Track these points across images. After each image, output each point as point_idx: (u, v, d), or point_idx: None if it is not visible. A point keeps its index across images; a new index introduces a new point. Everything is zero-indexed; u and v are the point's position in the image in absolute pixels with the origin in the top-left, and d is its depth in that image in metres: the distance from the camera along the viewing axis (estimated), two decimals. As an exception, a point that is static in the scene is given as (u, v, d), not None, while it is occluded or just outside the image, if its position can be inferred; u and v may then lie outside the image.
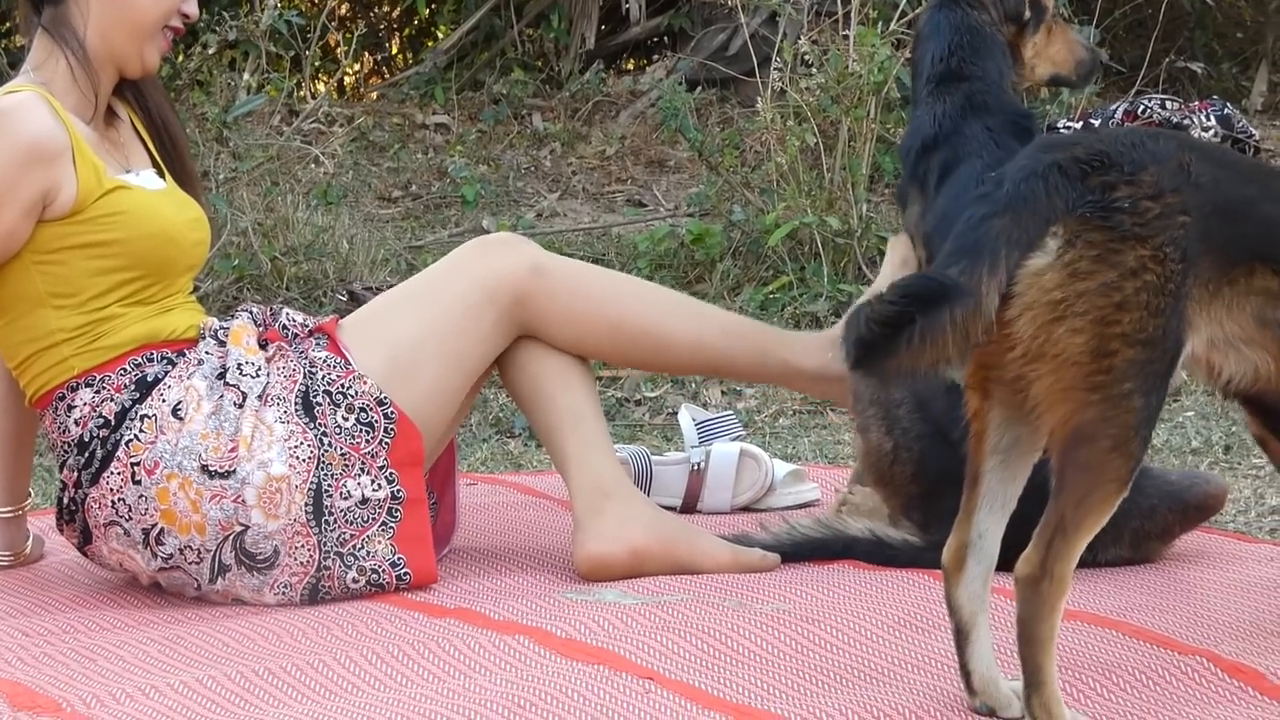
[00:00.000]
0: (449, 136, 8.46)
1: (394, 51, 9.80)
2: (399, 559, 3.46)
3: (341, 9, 9.37)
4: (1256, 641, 3.08)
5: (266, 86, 7.04)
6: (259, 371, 3.47)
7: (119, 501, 3.42)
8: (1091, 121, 7.17)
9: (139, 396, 3.45)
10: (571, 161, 8.23)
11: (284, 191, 6.68)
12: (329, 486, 3.43)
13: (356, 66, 9.40)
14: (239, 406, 3.43)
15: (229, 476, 3.40)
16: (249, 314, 3.63)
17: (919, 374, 2.51)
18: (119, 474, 3.42)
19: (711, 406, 5.37)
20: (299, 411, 3.44)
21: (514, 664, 3.00)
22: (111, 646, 3.19)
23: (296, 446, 3.42)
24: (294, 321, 3.61)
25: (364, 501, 3.45)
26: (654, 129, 8.36)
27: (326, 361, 3.50)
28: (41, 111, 3.44)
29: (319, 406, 3.45)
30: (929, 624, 3.13)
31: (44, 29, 3.54)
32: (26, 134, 3.42)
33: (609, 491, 3.58)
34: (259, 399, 3.44)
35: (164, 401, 3.43)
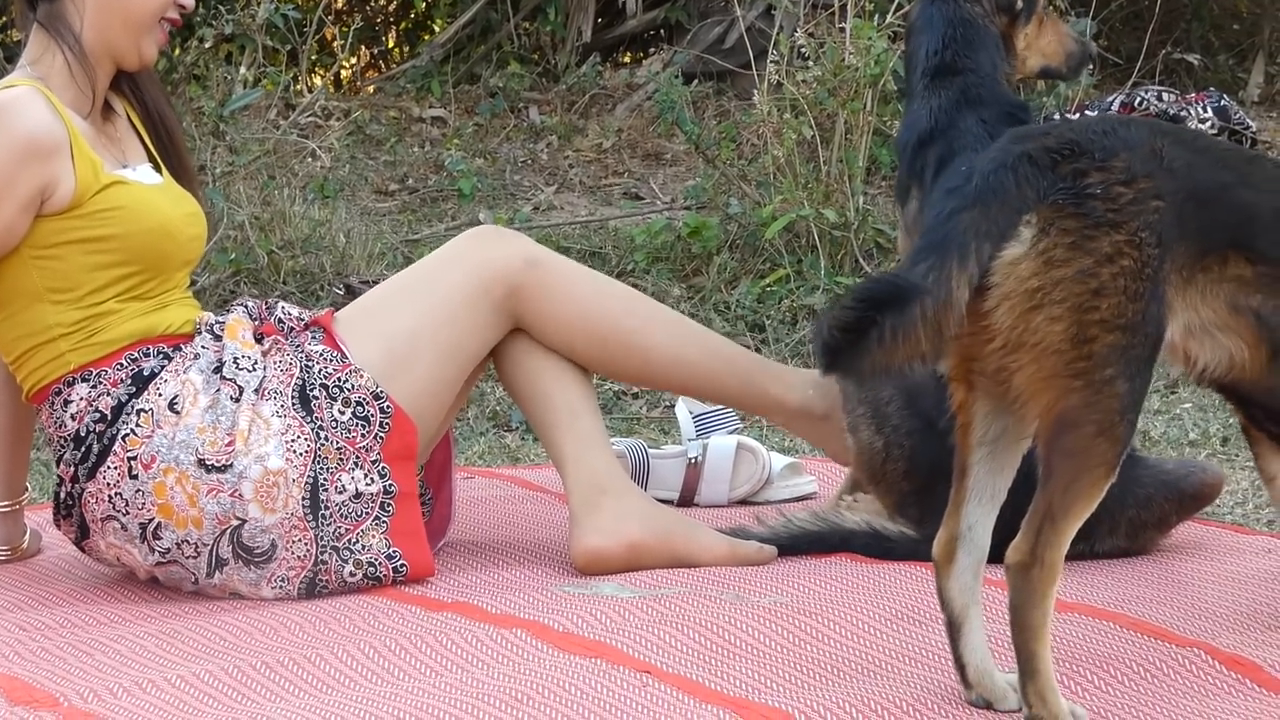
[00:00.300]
0: (445, 130, 8.45)
1: (390, 45, 9.79)
2: (394, 552, 3.46)
3: (338, 3, 9.36)
4: (1254, 634, 3.08)
5: (263, 80, 7.02)
6: (255, 365, 3.47)
7: (116, 496, 3.42)
8: (1088, 113, 7.18)
9: (135, 391, 3.45)
10: (568, 155, 8.22)
11: (280, 185, 6.67)
12: (325, 480, 3.43)
13: (353, 60, 9.39)
14: (236, 401, 3.43)
15: (226, 470, 3.40)
16: (245, 308, 3.63)
17: (895, 371, 2.51)
18: (116, 468, 3.42)
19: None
20: (296, 405, 3.44)
21: (511, 658, 3.00)
22: (109, 641, 3.19)
23: (293, 440, 3.42)
24: (290, 315, 3.61)
25: (358, 495, 3.45)
26: (651, 122, 8.36)
27: (323, 355, 3.50)
28: (39, 106, 3.43)
29: (316, 400, 3.45)
30: (926, 617, 3.13)
31: (39, 24, 3.53)
32: (25, 129, 3.41)
33: (605, 486, 3.58)
34: (256, 393, 3.44)
35: (160, 396, 3.43)
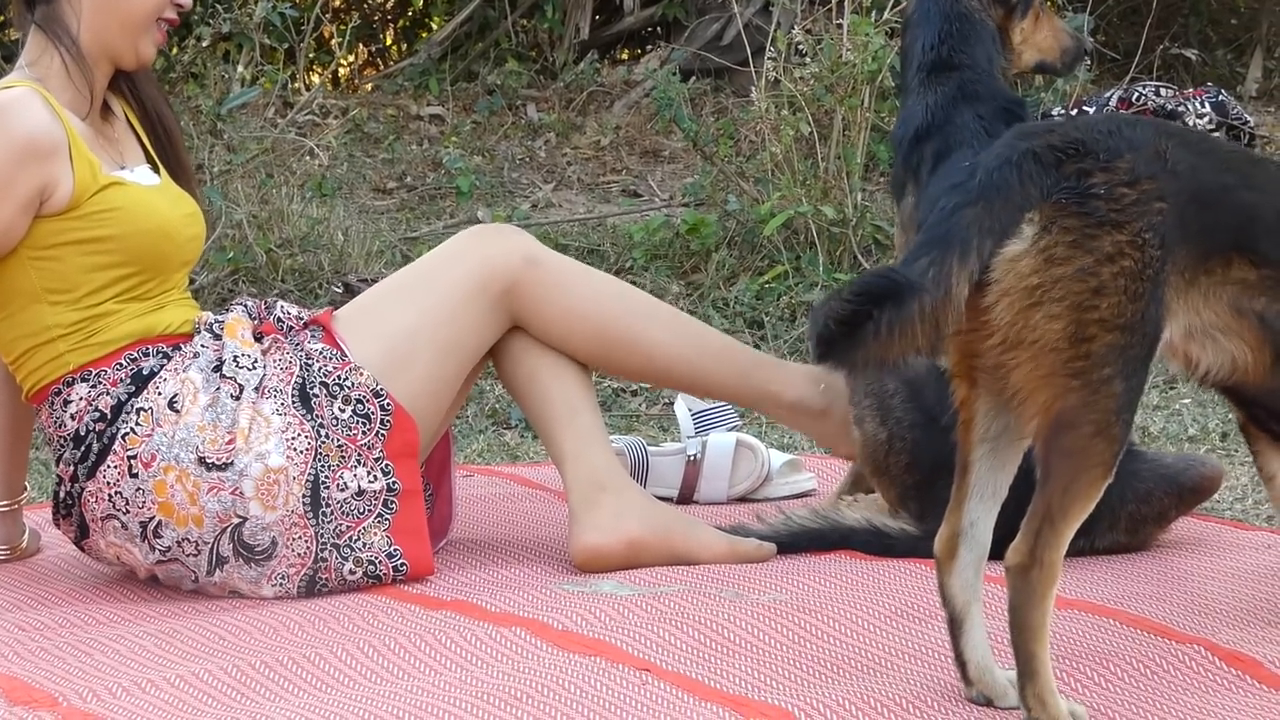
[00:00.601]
0: (443, 128, 8.45)
1: (388, 43, 9.79)
2: (395, 550, 3.46)
3: (335, 1, 9.36)
4: (1254, 629, 3.07)
5: (261, 79, 7.02)
6: (255, 364, 3.47)
7: (116, 495, 3.42)
8: (1086, 109, 7.18)
9: (135, 390, 3.45)
10: (566, 152, 8.22)
11: (279, 184, 6.66)
12: (326, 478, 3.43)
13: (351, 58, 9.39)
14: (236, 399, 3.43)
15: (226, 468, 3.40)
16: (244, 307, 3.63)
17: (889, 364, 2.52)
18: (116, 467, 3.41)
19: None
20: (296, 403, 3.44)
21: (511, 656, 3.00)
22: (108, 640, 3.19)
23: (294, 438, 3.42)
24: (289, 314, 3.61)
25: (360, 493, 3.45)
26: (649, 119, 8.35)
27: (323, 353, 3.50)
28: (38, 107, 3.43)
29: (316, 398, 3.45)
30: (926, 614, 3.13)
31: (37, 25, 3.53)
32: (23, 130, 3.41)
33: (604, 483, 3.58)
34: (256, 391, 3.44)
35: (160, 394, 3.43)
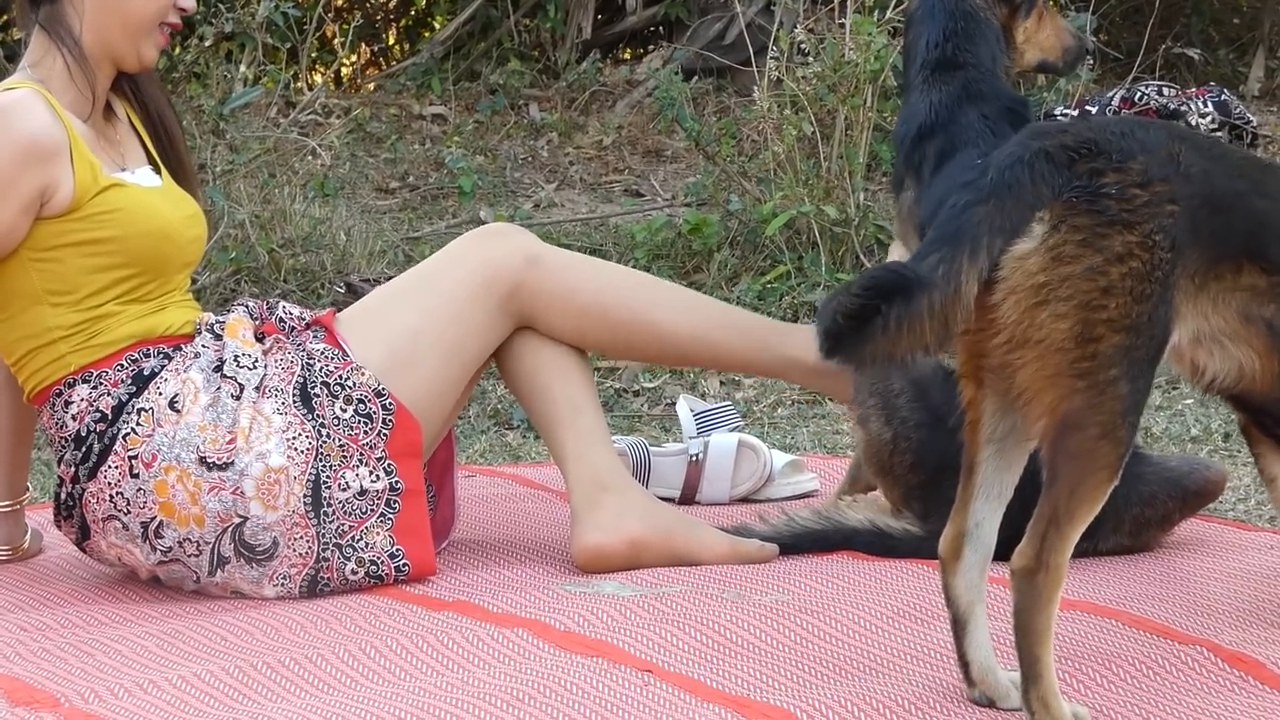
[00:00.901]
0: (446, 127, 8.44)
1: (390, 42, 9.79)
2: (397, 550, 3.46)
3: (338, 0, 9.36)
4: (1257, 631, 3.07)
5: (263, 78, 7.01)
6: (256, 364, 3.46)
7: (117, 495, 3.42)
8: (1088, 108, 7.18)
9: (136, 390, 3.44)
10: (569, 152, 8.22)
11: (281, 184, 6.66)
12: (327, 478, 3.43)
13: (353, 58, 9.39)
14: (236, 398, 3.43)
15: (227, 468, 3.39)
16: (245, 308, 3.63)
17: (896, 360, 2.52)
18: (117, 468, 3.41)
19: (710, 397, 5.36)
20: (297, 403, 3.44)
21: (512, 657, 3.00)
22: (110, 641, 3.19)
23: (295, 438, 3.41)
24: (291, 315, 3.61)
25: (362, 493, 3.45)
26: (651, 119, 8.35)
27: (324, 353, 3.50)
28: (39, 109, 3.43)
29: (317, 398, 3.45)
30: (928, 615, 3.13)
31: (40, 26, 3.53)
32: (25, 131, 3.41)
33: (606, 483, 3.58)
34: (256, 390, 3.44)
35: (161, 395, 3.43)
